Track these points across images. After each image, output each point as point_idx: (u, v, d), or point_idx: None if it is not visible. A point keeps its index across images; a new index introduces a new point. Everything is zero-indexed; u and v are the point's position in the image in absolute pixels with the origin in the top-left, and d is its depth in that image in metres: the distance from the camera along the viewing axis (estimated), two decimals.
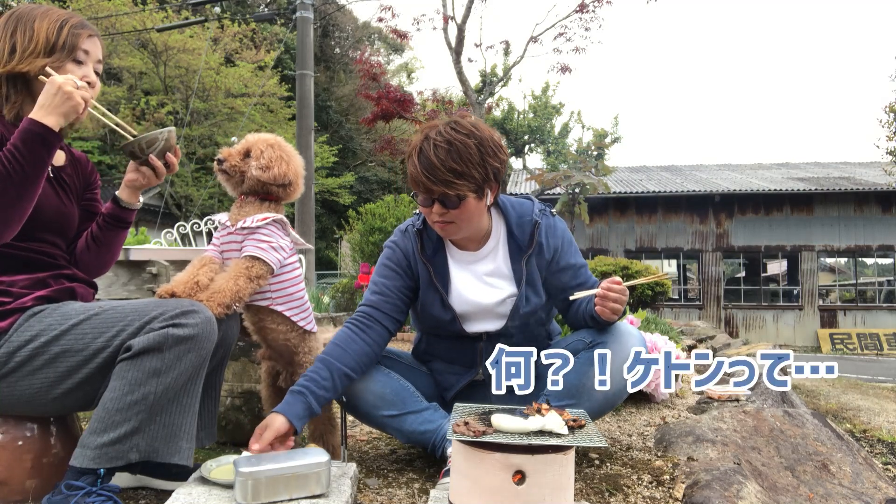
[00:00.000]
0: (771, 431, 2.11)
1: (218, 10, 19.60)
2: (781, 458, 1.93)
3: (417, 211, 1.93)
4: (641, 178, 21.41)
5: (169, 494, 1.38)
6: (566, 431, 1.34)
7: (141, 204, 1.76)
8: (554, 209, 2.20)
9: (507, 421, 1.35)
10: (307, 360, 1.83)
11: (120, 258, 2.73)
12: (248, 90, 17.16)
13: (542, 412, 1.39)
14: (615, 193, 17.75)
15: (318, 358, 1.74)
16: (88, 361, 1.44)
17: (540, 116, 24.30)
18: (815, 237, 18.90)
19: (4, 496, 1.49)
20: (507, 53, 13.52)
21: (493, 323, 1.89)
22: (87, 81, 1.55)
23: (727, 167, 23.45)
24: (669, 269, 19.87)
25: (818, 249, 18.96)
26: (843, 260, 20.64)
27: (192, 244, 5.58)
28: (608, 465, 1.95)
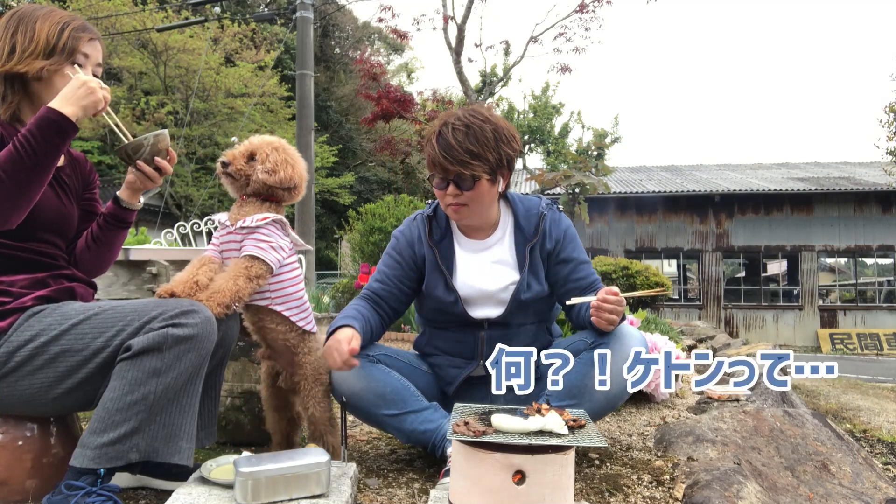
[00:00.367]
0: (771, 431, 2.11)
1: (218, 10, 19.58)
2: (781, 458, 1.93)
3: (430, 201, 2.03)
4: (641, 178, 21.41)
5: (169, 494, 1.38)
6: (566, 431, 1.35)
7: (141, 204, 1.76)
8: None
9: (507, 421, 1.35)
10: (307, 360, 1.83)
11: (120, 258, 2.73)
12: (248, 90, 17.16)
13: (542, 412, 1.39)
14: (615, 193, 17.74)
15: (351, 305, 1.92)
16: (88, 361, 1.44)
17: (540, 116, 24.24)
18: (815, 237, 18.90)
19: (4, 496, 1.49)
20: (507, 53, 13.51)
21: (494, 309, 1.92)
22: None
23: (727, 167, 23.44)
24: (669, 268, 19.86)
25: (818, 249, 18.97)
26: (843, 260, 20.63)
27: (192, 244, 5.58)
28: (608, 465, 1.95)
